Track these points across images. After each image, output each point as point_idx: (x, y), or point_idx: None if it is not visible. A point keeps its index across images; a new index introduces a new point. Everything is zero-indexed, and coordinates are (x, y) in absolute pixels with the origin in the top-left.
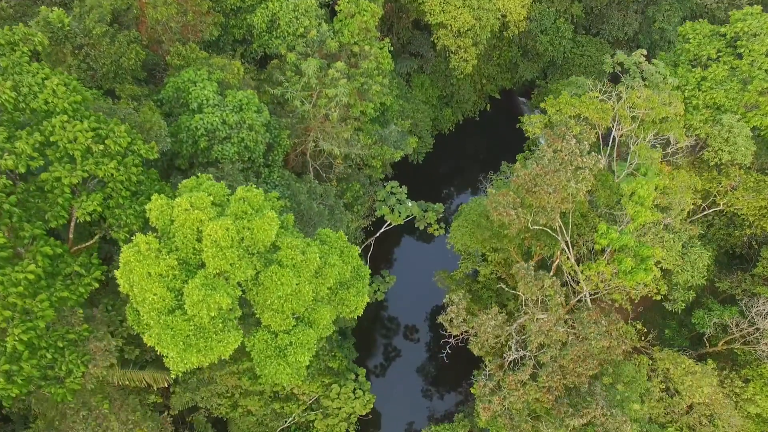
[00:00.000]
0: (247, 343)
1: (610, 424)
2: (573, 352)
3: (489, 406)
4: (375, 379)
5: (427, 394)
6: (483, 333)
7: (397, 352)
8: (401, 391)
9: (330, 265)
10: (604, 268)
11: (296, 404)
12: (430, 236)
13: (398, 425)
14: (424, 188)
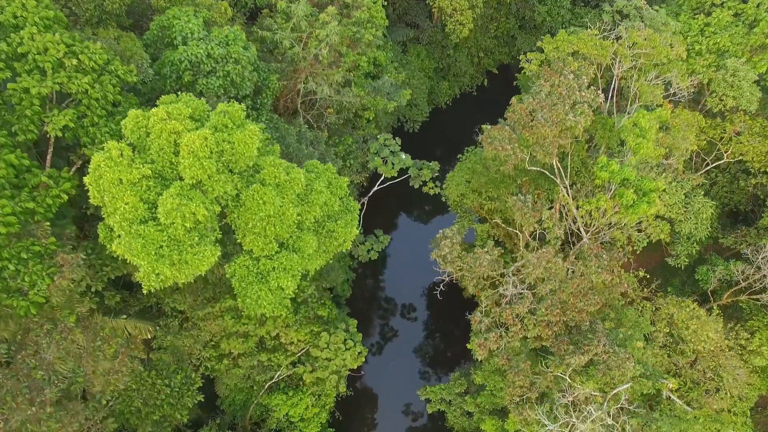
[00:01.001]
0: (228, 270)
1: (613, 361)
2: (573, 285)
3: (485, 344)
4: (372, 359)
5: (425, 376)
6: (478, 268)
7: (394, 332)
8: (398, 372)
9: (317, 192)
10: (604, 203)
11: (284, 355)
12: (426, 202)
13: (396, 406)
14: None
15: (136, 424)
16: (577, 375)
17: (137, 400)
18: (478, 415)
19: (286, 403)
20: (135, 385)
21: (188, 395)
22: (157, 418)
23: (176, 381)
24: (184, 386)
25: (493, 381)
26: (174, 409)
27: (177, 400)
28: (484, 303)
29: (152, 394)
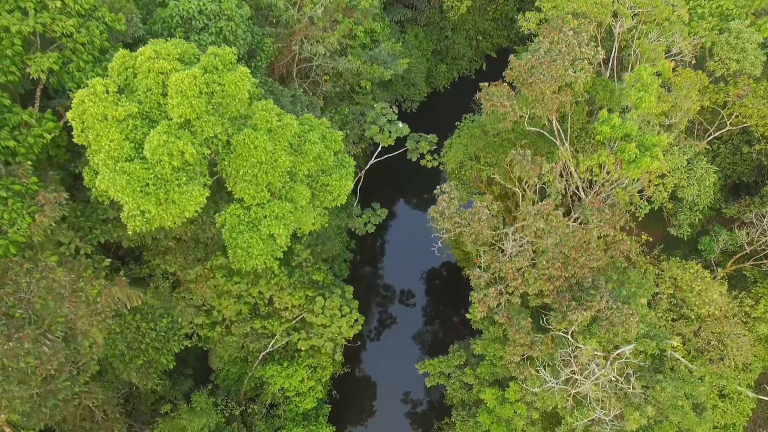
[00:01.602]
0: (218, 219)
1: (616, 317)
2: (575, 239)
3: (485, 300)
4: (371, 344)
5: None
6: (477, 223)
7: (393, 319)
8: (398, 360)
9: (310, 142)
10: (605, 158)
11: (278, 321)
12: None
13: (395, 394)
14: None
15: (120, 368)
16: (579, 334)
17: (121, 344)
18: (477, 387)
19: (281, 375)
20: (119, 328)
21: (174, 340)
22: (142, 362)
23: (162, 325)
24: (170, 331)
25: (492, 349)
26: (159, 354)
27: (162, 344)
28: (483, 259)
29: (137, 337)
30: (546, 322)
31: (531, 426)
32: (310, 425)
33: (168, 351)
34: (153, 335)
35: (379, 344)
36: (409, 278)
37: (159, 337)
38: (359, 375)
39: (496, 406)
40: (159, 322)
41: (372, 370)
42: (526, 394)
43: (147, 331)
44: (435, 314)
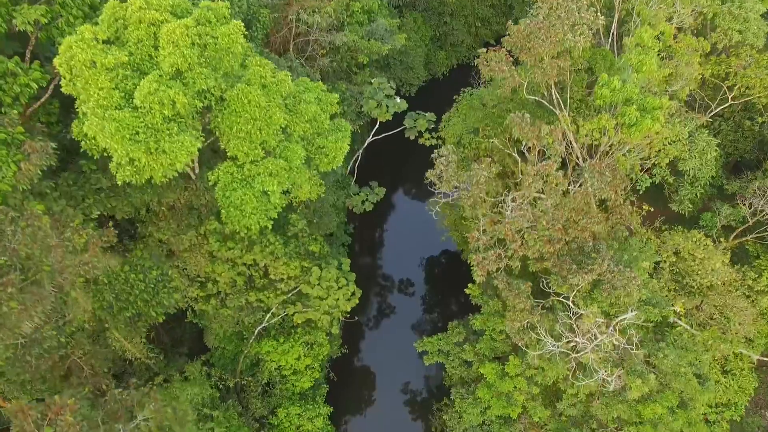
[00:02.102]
0: (210, 177)
1: (618, 280)
2: (575, 200)
3: (484, 263)
4: (369, 332)
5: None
6: (475, 186)
7: (391, 309)
8: (397, 351)
9: (306, 102)
10: (606, 122)
11: (274, 293)
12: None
13: (394, 384)
14: None
15: (107, 320)
16: (580, 300)
17: (109, 295)
18: (477, 363)
19: (276, 351)
20: (107, 279)
21: (164, 292)
22: (131, 314)
23: (151, 277)
24: (160, 283)
25: (492, 323)
26: (148, 306)
27: (152, 296)
28: (481, 221)
29: (125, 289)
30: (546, 286)
31: (531, 401)
32: (306, 404)
33: (157, 303)
34: (142, 287)
35: (378, 332)
36: (408, 266)
37: (148, 289)
38: (358, 364)
39: (496, 380)
40: (148, 274)
41: (371, 360)
42: (526, 369)
43: (136, 282)
44: (434, 303)
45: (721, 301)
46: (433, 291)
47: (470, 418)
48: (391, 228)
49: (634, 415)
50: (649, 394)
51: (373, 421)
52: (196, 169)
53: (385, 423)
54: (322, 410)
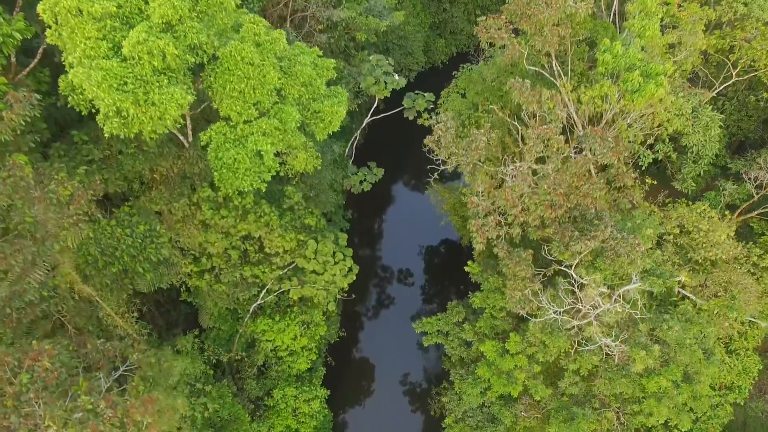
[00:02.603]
0: (202, 137)
1: (621, 248)
2: (577, 164)
3: (483, 229)
4: (368, 322)
5: (422, 346)
6: (474, 151)
7: (391, 300)
8: (396, 341)
9: (301, 64)
10: (608, 89)
11: (269, 268)
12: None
13: (394, 376)
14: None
15: (92, 275)
16: (582, 269)
17: (94, 249)
18: (476, 343)
19: (272, 329)
20: (92, 233)
21: (151, 247)
22: (117, 270)
23: (139, 231)
24: (147, 239)
25: (492, 300)
26: (135, 262)
27: (139, 251)
28: (481, 187)
29: (111, 243)
30: (548, 253)
31: (532, 379)
32: (303, 386)
33: (145, 259)
34: (129, 242)
35: (377, 322)
36: (408, 256)
37: (135, 244)
38: (357, 354)
39: (497, 358)
40: (135, 229)
41: (369, 349)
42: (527, 347)
43: (123, 237)
44: (433, 293)
45: (726, 278)
46: (432, 281)
47: (470, 399)
48: (390, 218)
49: (637, 389)
50: (653, 367)
51: (371, 409)
52: (189, 137)
53: (383, 410)
54: (319, 392)
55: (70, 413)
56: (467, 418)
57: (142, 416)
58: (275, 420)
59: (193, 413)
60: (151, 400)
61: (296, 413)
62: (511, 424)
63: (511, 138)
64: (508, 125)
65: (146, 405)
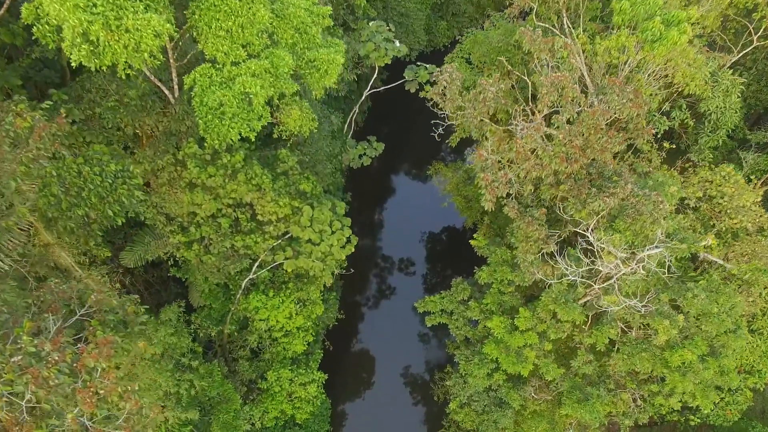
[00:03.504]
0: (186, 80)
1: (643, 205)
2: (594, 114)
3: (493, 185)
4: (368, 317)
5: (424, 339)
6: (482, 103)
7: (392, 290)
8: (396, 334)
9: (295, 6)
10: (625, 39)
11: (262, 238)
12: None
13: (394, 365)
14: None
15: (55, 218)
16: (600, 231)
17: (57, 188)
18: (483, 321)
19: (266, 306)
20: (56, 171)
21: (123, 188)
22: (83, 213)
23: (109, 170)
24: (119, 179)
25: (500, 273)
26: (104, 204)
27: (109, 192)
28: (490, 141)
29: (77, 182)
30: (562, 211)
31: (543, 358)
32: (299, 369)
33: (115, 201)
34: (98, 181)
35: (377, 312)
36: (409, 245)
37: (105, 184)
38: (357, 346)
39: (505, 335)
40: (106, 167)
41: (370, 341)
42: (537, 324)
43: (90, 176)
44: (435, 282)
45: (750, 249)
46: (434, 270)
47: (476, 382)
48: (390, 204)
49: (659, 365)
50: (675, 341)
51: (371, 399)
52: (175, 92)
53: (383, 400)
54: (316, 376)
55: (8, 357)
56: (473, 403)
57: (95, 361)
58: (269, 404)
59: (177, 390)
60: (107, 342)
61: (292, 398)
62: (520, 408)
63: (522, 94)
64: (517, 79)
65: (101, 348)
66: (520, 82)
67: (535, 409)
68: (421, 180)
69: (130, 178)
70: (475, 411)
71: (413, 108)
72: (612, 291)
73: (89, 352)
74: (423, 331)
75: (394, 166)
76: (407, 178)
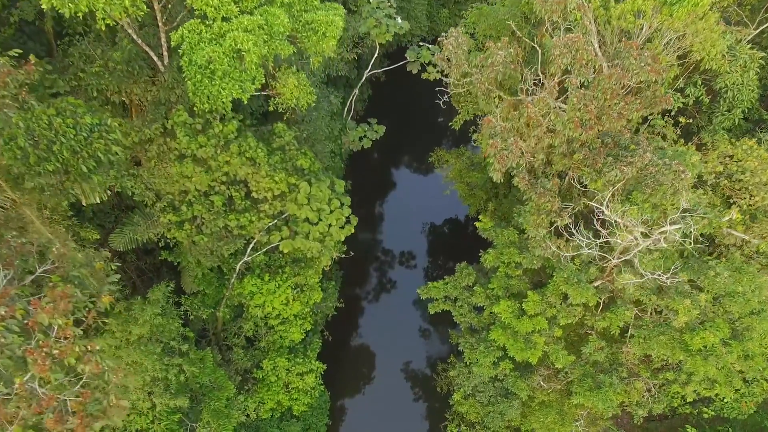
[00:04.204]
0: (173, 37)
1: (664, 175)
2: (610, 77)
3: (503, 153)
4: (368, 311)
5: (425, 334)
6: (490, 68)
7: (392, 284)
8: (396, 329)
9: None
10: (642, 2)
11: (257, 217)
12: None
13: (395, 363)
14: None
15: (22, 174)
16: (617, 204)
17: (24, 140)
18: (489, 308)
19: (261, 290)
20: (23, 122)
21: (99, 142)
22: (54, 168)
23: (84, 122)
24: (95, 133)
25: (507, 255)
26: (77, 158)
27: (83, 146)
28: (499, 107)
29: (47, 134)
30: (577, 182)
31: (553, 344)
32: (296, 358)
33: (90, 156)
34: (71, 134)
35: (377, 306)
36: (410, 238)
37: (79, 137)
38: (357, 341)
39: (512, 320)
40: (80, 120)
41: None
42: (547, 308)
43: (62, 128)
44: (437, 276)
45: None
46: (435, 263)
47: (481, 371)
48: (391, 198)
49: (678, 348)
50: (695, 323)
51: (371, 393)
52: (165, 59)
53: (384, 395)
54: (314, 366)
55: None
56: (478, 393)
57: (50, 317)
58: (264, 394)
59: (165, 375)
60: (65, 296)
61: (288, 388)
62: (527, 399)
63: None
64: (526, 47)
65: (58, 303)
66: (529, 53)
67: (543, 400)
68: (422, 173)
69: (108, 132)
70: (480, 402)
71: (415, 99)
72: (629, 268)
73: (43, 306)
74: (424, 327)
75: (395, 156)
76: (408, 170)
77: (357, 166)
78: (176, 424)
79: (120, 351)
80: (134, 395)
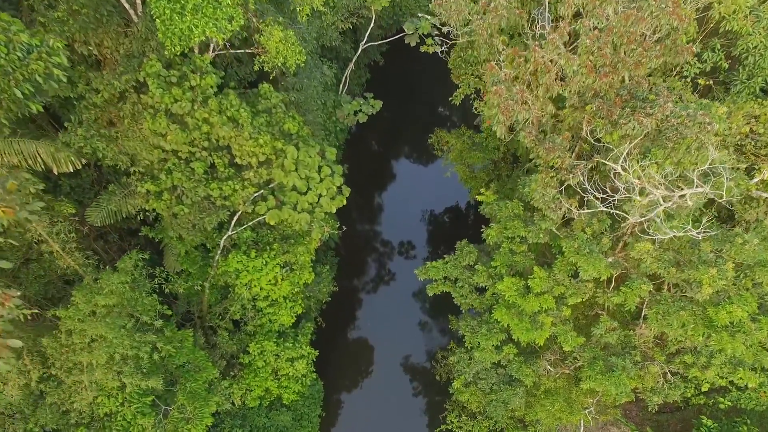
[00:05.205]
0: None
1: (687, 127)
2: (627, 19)
3: (508, 102)
4: (366, 298)
5: (425, 326)
6: (493, 11)
7: (391, 276)
8: (395, 322)
9: None
10: None
11: (240, 185)
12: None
13: (394, 357)
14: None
15: None
16: (633, 161)
17: None
18: (492, 288)
19: (247, 268)
20: None
21: (37, 63)
22: None
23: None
24: (33, 54)
25: (512, 229)
26: (10, 80)
27: (17, 67)
28: (503, 54)
29: None
30: (589, 135)
31: (561, 325)
32: (286, 343)
33: (26, 79)
34: (3, 52)
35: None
36: (409, 227)
37: (12, 57)
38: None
39: (517, 299)
40: (14, 37)
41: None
42: (554, 286)
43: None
44: None
45: None
46: (435, 253)
47: (483, 356)
48: (390, 187)
49: (700, 324)
50: (722, 296)
51: (368, 387)
52: (138, 8)
53: (382, 388)
54: (306, 351)
55: None
56: (479, 381)
57: None
58: (252, 380)
59: (136, 353)
60: None
61: (278, 375)
62: (532, 386)
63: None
64: None
65: None
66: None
67: (549, 387)
68: (421, 161)
69: (49, 55)
70: (482, 390)
71: (414, 85)
72: (647, 235)
73: None
74: (424, 319)
75: (394, 143)
76: (407, 159)
77: (354, 153)
78: (148, 407)
79: (83, 324)
80: (99, 373)
